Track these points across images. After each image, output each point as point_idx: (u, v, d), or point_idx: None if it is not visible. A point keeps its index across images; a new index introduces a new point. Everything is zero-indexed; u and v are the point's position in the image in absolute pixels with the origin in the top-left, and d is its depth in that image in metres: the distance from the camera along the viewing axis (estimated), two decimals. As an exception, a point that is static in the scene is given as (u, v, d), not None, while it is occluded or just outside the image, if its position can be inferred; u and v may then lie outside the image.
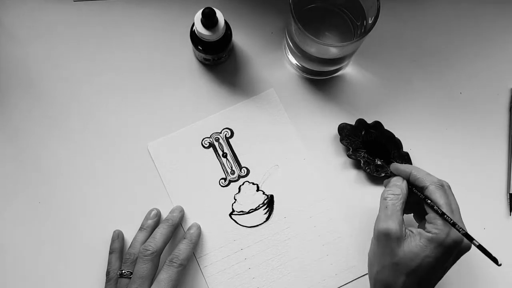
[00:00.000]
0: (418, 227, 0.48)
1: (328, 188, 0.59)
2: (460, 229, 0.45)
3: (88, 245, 0.57)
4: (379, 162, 0.58)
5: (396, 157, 0.59)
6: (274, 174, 0.59)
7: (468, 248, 0.47)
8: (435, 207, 0.47)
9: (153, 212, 0.57)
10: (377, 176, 0.58)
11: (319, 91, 0.61)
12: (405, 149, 0.59)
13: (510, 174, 0.59)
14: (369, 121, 0.59)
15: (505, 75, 0.62)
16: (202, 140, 0.60)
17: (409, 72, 0.61)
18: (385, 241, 0.46)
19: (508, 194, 0.59)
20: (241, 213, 0.58)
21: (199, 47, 0.56)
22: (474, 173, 0.60)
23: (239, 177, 0.59)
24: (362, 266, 0.57)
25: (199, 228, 0.57)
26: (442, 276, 0.48)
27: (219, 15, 0.53)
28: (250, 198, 0.58)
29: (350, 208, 0.58)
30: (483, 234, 0.58)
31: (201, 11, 0.52)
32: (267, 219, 0.58)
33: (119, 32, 0.61)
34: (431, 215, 0.47)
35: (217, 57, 0.58)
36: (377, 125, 0.59)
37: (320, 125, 0.60)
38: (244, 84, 0.61)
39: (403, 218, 0.47)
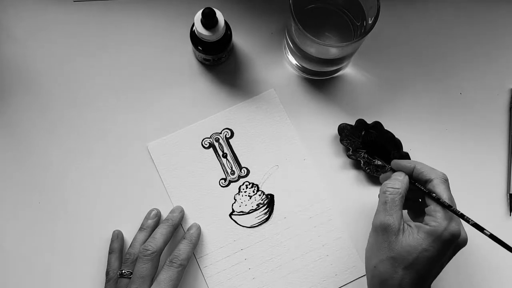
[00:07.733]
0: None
1: (328, 189, 0.59)
2: (470, 220, 0.45)
3: (88, 245, 0.57)
4: (379, 162, 0.58)
5: (396, 157, 0.59)
6: (274, 175, 0.59)
7: (464, 243, 0.47)
8: (441, 200, 0.47)
9: (153, 212, 0.57)
10: (377, 176, 0.58)
11: (319, 91, 0.61)
12: (405, 149, 0.59)
13: (510, 174, 0.59)
14: (369, 121, 0.59)
15: (505, 75, 0.62)
16: (202, 140, 0.60)
17: (409, 72, 0.61)
18: (383, 235, 0.46)
19: (508, 194, 0.59)
20: (241, 213, 0.58)
21: (199, 47, 0.56)
22: (474, 173, 0.60)
23: (239, 177, 0.59)
24: (362, 266, 0.57)
25: (199, 228, 0.57)
26: (439, 272, 0.48)
27: (219, 15, 0.53)
28: (250, 199, 0.58)
29: (350, 209, 0.58)
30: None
31: (201, 11, 0.52)
32: (267, 219, 0.58)
33: (119, 32, 0.61)
34: (431, 208, 0.47)
35: (217, 57, 0.58)
36: (377, 125, 0.59)
37: (320, 125, 0.60)
38: (244, 84, 0.61)
39: (402, 213, 0.47)
